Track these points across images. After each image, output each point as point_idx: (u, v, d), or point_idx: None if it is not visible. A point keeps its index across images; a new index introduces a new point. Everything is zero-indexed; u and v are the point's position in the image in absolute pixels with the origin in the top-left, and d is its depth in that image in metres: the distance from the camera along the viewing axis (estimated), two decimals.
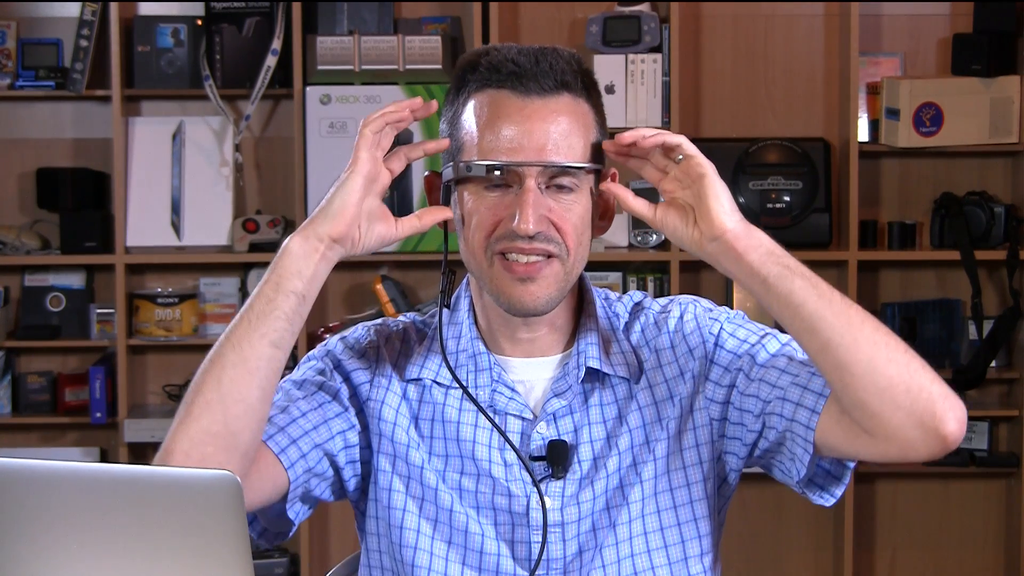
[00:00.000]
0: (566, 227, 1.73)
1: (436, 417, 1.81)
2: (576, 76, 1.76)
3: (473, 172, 1.72)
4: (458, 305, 1.85)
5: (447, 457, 1.80)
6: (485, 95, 1.74)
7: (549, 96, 1.73)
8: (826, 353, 1.66)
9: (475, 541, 1.78)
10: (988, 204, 4.29)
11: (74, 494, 1.38)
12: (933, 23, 4.43)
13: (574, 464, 1.78)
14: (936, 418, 1.65)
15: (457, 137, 1.76)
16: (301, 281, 1.70)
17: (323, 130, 4.20)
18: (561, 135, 1.72)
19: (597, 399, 1.81)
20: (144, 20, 4.32)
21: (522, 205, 1.70)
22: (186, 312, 4.31)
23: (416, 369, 1.83)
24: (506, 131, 1.72)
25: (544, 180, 1.72)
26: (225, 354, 1.69)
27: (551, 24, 4.39)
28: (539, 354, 1.82)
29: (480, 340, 1.82)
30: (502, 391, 1.80)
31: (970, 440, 4.38)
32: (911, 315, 4.35)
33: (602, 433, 1.80)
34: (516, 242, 1.71)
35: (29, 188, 4.39)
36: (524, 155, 1.71)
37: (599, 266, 4.32)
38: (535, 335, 1.81)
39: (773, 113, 4.43)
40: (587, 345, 1.80)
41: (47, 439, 4.43)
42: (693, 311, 1.85)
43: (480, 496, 1.78)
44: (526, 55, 1.74)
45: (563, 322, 1.82)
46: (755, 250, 1.69)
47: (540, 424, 1.79)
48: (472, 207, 1.74)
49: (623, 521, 1.78)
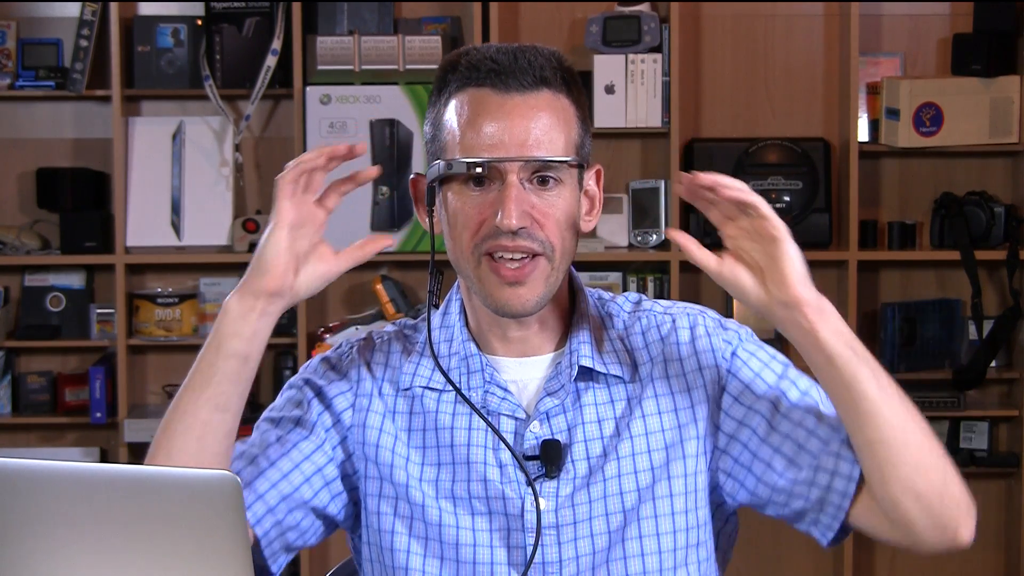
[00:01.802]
0: (548, 223, 1.73)
1: (428, 426, 1.81)
2: (556, 72, 1.75)
3: (455, 170, 1.72)
4: (448, 308, 1.85)
5: (440, 466, 1.79)
6: (465, 94, 1.75)
7: (529, 92, 1.73)
8: (874, 447, 1.66)
9: (467, 553, 1.77)
10: (988, 204, 4.29)
11: (74, 494, 1.38)
12: (933, 23, 4.43)
13: (568, 464, 1.77)
14: (958, 528, 1.68)
15: (439, 137, 1.77)
16: (241, 341, 1.69)
17: (323, 130, 4.20)
18: (542, 130, 1.72)
19: (591, 398, 1.80)
20: (144, 20, 4.32)
21: (504, 201, 1.70)
22: (186, 312, 4.32)
23: (407, 378, 1.82)
24: (487, 128, 1.72)
25: (526, 176, 1.72)
26: (173, 422, 1.69)
27: (551, 24, 4.39)
28: (531, 353, 1.81)
29: (472, 342, 1.81)
30: (495, 391, 1.79)
31: (970, 440, 4.39)
32: (911, 315, 4.36)
33: (596, 432, 1.79)
34: (501, 240, 1.71)
35: (29, 188, 4.39)
36: (505, 151, 1.71)
37: (599, 266, 4.32)
38: (526, 333, 1.80)
39: (773, 113, 4.43)
40: (579, 344, 1.80)
41: (47, 439, 4.43)
42: (704, 324, 1.84)
43: (475, 502, 1.77)
44: (505, 53, 1.75)
45: (554, 320, 1.82)
46: (827, 326, 1.65)
47: (533, 423, 1.78)
48: (456, 206, 1.74)
49: (632, 536, 1.77)
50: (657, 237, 4.32)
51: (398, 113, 4.19)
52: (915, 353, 4.35)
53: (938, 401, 4.33)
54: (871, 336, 4.41)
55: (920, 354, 4.36)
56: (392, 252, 4.20)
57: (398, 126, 4.18)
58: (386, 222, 4.20)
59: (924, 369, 4.37)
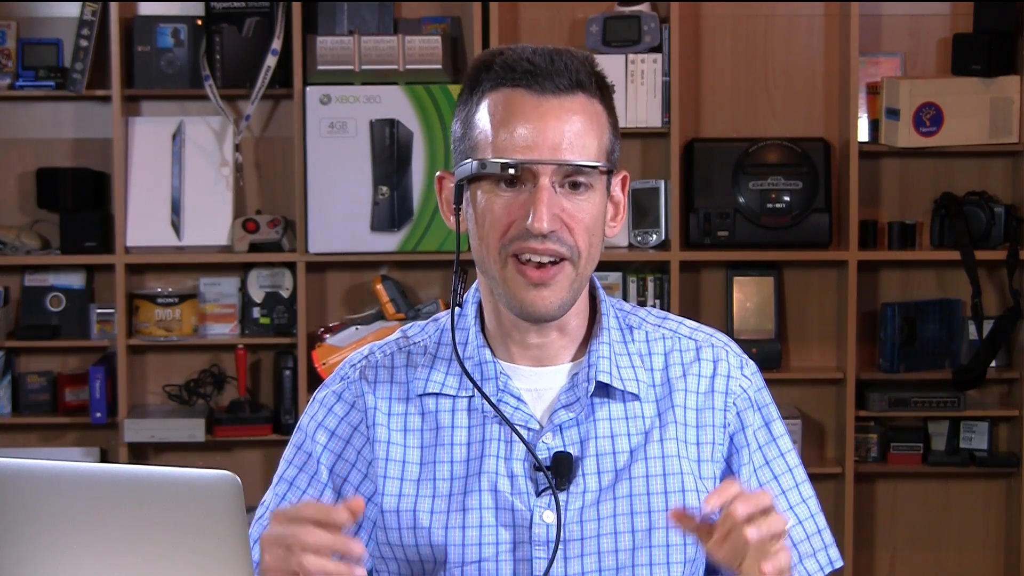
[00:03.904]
0: (578, 228, 1.72)
1: (442, 437, 1.79)
2: (591, 77, 1.75)
3: (488, 170, 1.71)
4: (464, 310, 1.83)
5: (452, 479, 1.77)
6: (500, 94, 1.74)
7: (564, 95, 1.72)
8: None
9: (472, 571, 1.76)
10: (988, 204, 4.29)
11: (74, 494, 1.38)
12: (933, 23, 4.43)
13: (579, 478, 1.76)
14: None
15: (471, 136, 1.75)
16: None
17: (323, 130, 4.19)
18: (576, 134, 1.72)
19: (606, 413, 1.78)
20: (144, 20, 4.32)
21: (536, 204, 1.69)
22: (186, 312, 4.31)
23: (420, 384, 1.81)
24: (520, 129, 1.71)
25: (558, 179, 1.72)
26: None
27: (551, 24, 4.39)
28: (548, 362, 1.80)
29: (486, 348, 1.80)
30: (508, 400, 1.77)
31: (970, 440, 4.39)
32: (911, 315, 4.35)
33: (609, 447, 1.77)
34: (529, 242, 1.70)
35: (29, 188, 4.39)
36: (538, 153, 1.70)
37: (599, 266, 4.22)
38: (545, 340, 1.79)
39: (773, 113, 4.43)
40: (598, 358, 1.79)
41: (47, 439, 4.43)
42: (727, 361, 1.83)
43: (485, 513, 1.76)
44: (541, 55, 1.74)
45: (574, 328, 1.80)
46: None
47: (546, 435, 1.76)
48: (486, 206, 1.73)
49: (642, 563, 1.76)
50: (657, 237, 4.32)
51: (398, 113, 4.18)
52: (915, 353, 4.35)
53: (938, 401, 4.33)
54: (871, 336, 4.41)
55: (920, 354, 4.36)
56: (392, 252, 4.20)
57: (398, 126, 4.18)
58: (386, 222, 4.20)
59: (924, 369, 4.37)
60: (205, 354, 4.41)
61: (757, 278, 4.38)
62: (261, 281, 4.36)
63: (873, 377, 4.38)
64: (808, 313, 4.45)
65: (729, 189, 4.23)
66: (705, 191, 4.26)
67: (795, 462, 1.84)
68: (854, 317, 4.28)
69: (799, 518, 1.81)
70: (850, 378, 4.29)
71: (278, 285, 4.36)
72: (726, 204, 4.25)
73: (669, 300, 4.25)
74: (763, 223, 4.26)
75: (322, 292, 4.37)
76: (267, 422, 4.29)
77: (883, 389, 4.36)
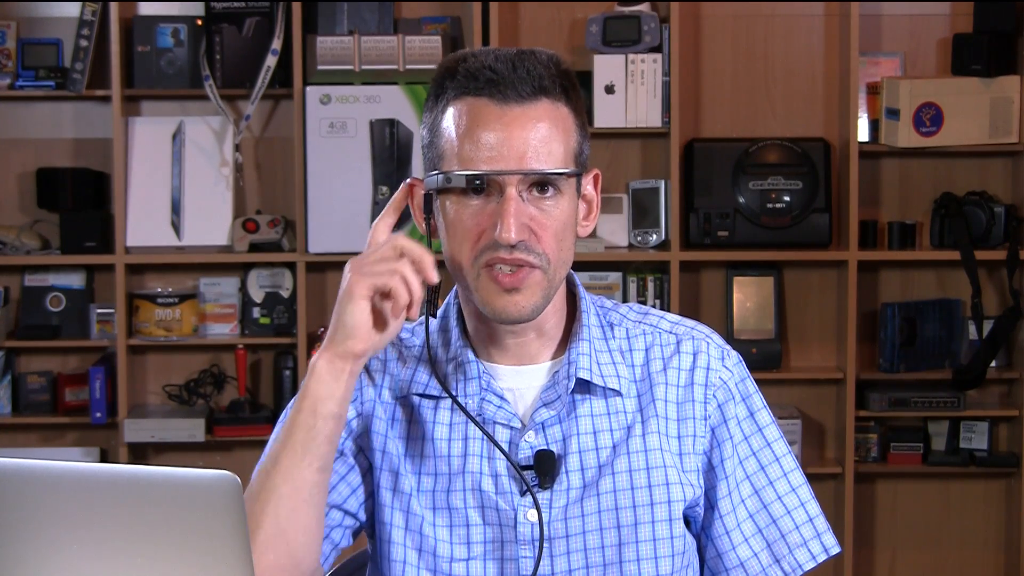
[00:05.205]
0: (546, 235, 1.73)
1: (426, 435, 1.81)
2: (555, 80, 1.75)
3: (454, 183, 1.72)
4: (446, 312, 1.85)
5: (436, 476, 1.80)
6: (463, 103, 1.74)
7: (527, 102, 1.72)
8: None
9: (459, 568, 1.77)
10: (988, 204, 4.29)
11: (74, 494, 1.38)
12: (933, 23, 4.43)
13: (562, 475, 1.77)
14: None
15: (437, 145, 1.76)
16: (335, 403, 1.71)
17: (323, 130, 4.20)
18: (541, 141, 1.72)
19: (587, 409, 1.79)
20: (144, 20, 4.32)
21: (503, 215, 1.70)
22: (186, 312, 4.31)
23: (405, 385, 1.83)
24: (485, 139, 1.71)
25: (525, 187, 1.72)
26: (278, 486, 1.70)
27: (551, 24, 4.39)
28: (528, 361, 1.81)
29: (468, 348, 1.81)
30: (491, 399, 1.79)
31: (970, 440, 4.39)
32: (911, 315, 4.36)
33: (591, 444, 1.78)
34: (499, 252, 1.71)
35: (29, 188, 4.39)
36: (504, 163, 1.71)
37: (599, 266, 4.32)
38: (522, 340, 1.80)
39: (773, 113, 4.43)
40: (578, 355, 1.80)
41: (47, 439, 4.43)
42: (708, 353, 1.84)
43: (470, 512, 1.77)
44: (503, 61, 1.73)
45: (552, 328, 1.81)
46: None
47: (528, 433, 1.78)
48: (455, 216, 1.74)
49: (629, 559, 1.77)
50: (657, 237, 4.32)
51: (398, 113, 4.19)
52: (915, 353, 4.35)
53: (938, 401, 4.33)
54: (871, 336, 4.41)
55: (920, 354, 4.36)
56: None
57: (398, 126, 4.18)
58: None
59: (924, 369, 4.37)
60: (205, 354, 4.41)
61: (757, 278, 4.38)
62: (261, 281, 4.36)
63: (873, 377, 4.38)
64: (808, 313, 4.45)
65: (729, 189, 4.23)
66: (705, 191, 4.26)
67: (783, 451, 1.84)
68: (854, 317, 4.28)
69: (787, 508, 1.81)
70: (850, 378, 4.29)
71: (278, 285, 4.37)
72: (726, 204, 4.25)
73: (669, 300, 4.25)
74: (763, 223, 4.26)
75: (322, 292, 4.37)
76: (267, 422, 4.29)
77: (883, 389, 4.36)
